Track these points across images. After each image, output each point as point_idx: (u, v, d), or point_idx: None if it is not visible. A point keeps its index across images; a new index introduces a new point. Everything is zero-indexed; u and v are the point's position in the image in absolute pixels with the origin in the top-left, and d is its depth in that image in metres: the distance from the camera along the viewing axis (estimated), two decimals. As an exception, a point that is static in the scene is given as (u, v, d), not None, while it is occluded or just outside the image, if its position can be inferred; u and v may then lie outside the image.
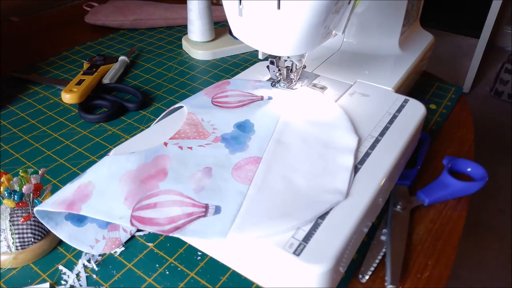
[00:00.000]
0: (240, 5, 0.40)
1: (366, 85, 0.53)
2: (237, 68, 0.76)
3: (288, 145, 0.42)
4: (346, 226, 0.34)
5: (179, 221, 0.34)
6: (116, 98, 0.65)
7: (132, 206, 0.36)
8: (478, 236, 1.47)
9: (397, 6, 0.59)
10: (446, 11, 2.62)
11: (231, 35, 0.82)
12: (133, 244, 0.43)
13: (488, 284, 1.31)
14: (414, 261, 0.42)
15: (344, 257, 0.34)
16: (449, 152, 0.57)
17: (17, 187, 0.41)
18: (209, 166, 0.40)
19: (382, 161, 0.41)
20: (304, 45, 0.42)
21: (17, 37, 0.89)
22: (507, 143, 1.88)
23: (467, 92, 2.21)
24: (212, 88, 0.51)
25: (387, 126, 0.45)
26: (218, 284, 0.39)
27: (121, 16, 0.90)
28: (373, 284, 0.40)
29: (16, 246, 0.40)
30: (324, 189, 0.37)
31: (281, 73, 0.50)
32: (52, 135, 0.59)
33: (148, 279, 0.40)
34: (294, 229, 0.33)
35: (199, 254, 0.42)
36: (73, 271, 0.40)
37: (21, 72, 0.74)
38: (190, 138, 0.43)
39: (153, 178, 0.38)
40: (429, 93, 0.69)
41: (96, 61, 0.73)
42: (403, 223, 0.44)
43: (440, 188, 0.48)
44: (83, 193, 0.37)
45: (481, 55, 2.11)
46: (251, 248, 0.34)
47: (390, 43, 0.61)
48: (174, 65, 0.77)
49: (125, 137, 0.58)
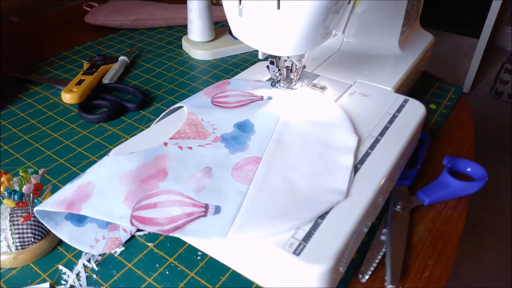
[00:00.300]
0: (240, 5, 0.40)
1: (366, 85, 0.53)
2: (237, 68, 0.76)
3: (288, 145, 0.42)
4: (346, 226, 0.34)
5: (179, 221, 0.34)
6: (116, 98, 0.65)
7: (132, 206, 0.36)
8: (478, 236, 1.47)
9: (397, 6, 0.59)
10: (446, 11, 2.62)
11: (231, 35, 0.82)
12: (133, 244, 0.43)
13: (488, 284, 1.31)
14: (414, 261, 0.42)
15: (344, 257, 0.34)
16: (449, 152, 0.57)
17: (17, 187, 0.41)
18: (209, 166, 0.40)
19: (382, 161, 0.41)
20: (304, 45, 0.42)
21: (17, 37, 0.89)
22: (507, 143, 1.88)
23: (467, 92, 2.21)
24: (212, 88, 0.51)
25: (387, 126, 0.45)
26: (218, 284, 0.39)
27: (121, 16, 0.90)
28: (373, 284, 0.40)
29: (16, 246, 0.40)
30: (324, 189, 0.37)
31: (281, 73, 0.50)
32: (52, 135, 0.59)
33: (148, 279, 0.40)
34: (294, 229, 0.33)
35: (199, 254, 0.42)
36: (73, 271, 0.40)
37: (21, 72, 0.74)
38: (190, 138, 0.43)
39: (153, 178, 0.38)
40: (429, 93, 0.69)
41: (96, 61, 0.73)
42: (403, 223, 0.44)
43: (440, 188, 0.48)
44: (83, 193, 0.37)
45: (481, 55, 2.11)
46: (251, 248, 0.34)
47: (390, 43, 0.61)
48: (174, 65, 0.77)
49: (125, 137, 0.58)
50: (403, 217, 0.45)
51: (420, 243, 0.44)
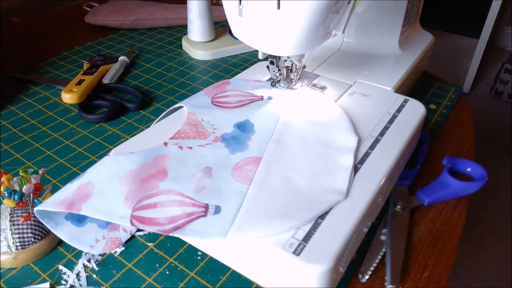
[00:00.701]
0: (240, 5, 0.40)
1: (366, 85, 0.53)
2: (237, 68, 0.76)
3: (288, 145, 0.42)
4: (346, 226, 0.34)
5: (179, 221, 0.34)
6: (116, 98, 0.65)
7: (132, 206, 0.36)
8: (478, 236, 1.47)
9: (397, 6, 0.59)
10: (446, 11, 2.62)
11: (231, 35, 0.82)
12: (133, 244, 0.43)
13: (488, 284, 1.31)
14: (414, 261, 0.42)
15: (344, 257, 0.34)
16: (449, 152, 0.57)
17: (17, 187, 0.41)
18: (209, 166, 0.40)
19: (382, 161, 0.41)
20: (304, 45, 0.42)
21: (17, 37, 0.89)
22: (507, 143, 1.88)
23: (467, 92, 2.21)
24: (212, 88, 0.51)
25: (387, 126, 0.45)
26: (218, 284, 0.39)
27: (121, 16, 0.90)
28: (373, 284, 0.40)
29: (16, 246, 0.40)
30: (324, 189, 0.37)
31: (281, 73, 0.50)
32: (52, 135, 0.59)
33: (148, 279, 0.40)
34: (294, 229, 0.33)
35: (199, 254, 0.42)
36: (73, 271, 0.40)
37: (21, 72, 0.74)
38: (190, 138, 0.43)
39: (153, 178, 0.38)
40: (429, 93, 0.69)
41: (96, 61, 0.73)
42: (403, 223, 0.44)
43: (440, 188, 0.48)
44: (83, 193, 0.37)
45: (481, 55, 2.11)
46: (251, 248, 0.34)
47: (390, 43, 0.61)
48: (174, 65, 0.77)
49: (125, 137, 0.58)
50: (403, 217, 0.45)
51: (420, 243, 0.44)
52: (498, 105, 2.14)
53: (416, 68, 0.62)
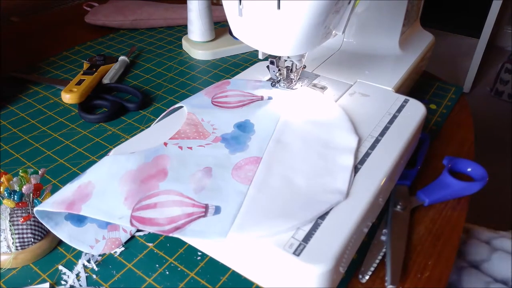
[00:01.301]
0: (240, 5, 0.40)
1: (366, 85, 0.53)
2: (237, 68, 0.76)
3: (288, 145, 0.42)
4: (346, 226, 0.34)
5: (179, 221, 0.34)
6: (116, 98, 0.65)
7: (132, 206, 0.36)
8: (478, 236, 1.46)
9: (397, 6, 0.59)
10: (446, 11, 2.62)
11: (231, 35, 0.82)
12: (133, 244, 0.43)
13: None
14: (414, 261, 0.42)
15: (344, 257, 0.34)
16: (449, 152, 0.57)
17: (17, 187, 0.41)
18: (209, 166, 0.40)
19: (382, 161, 0.41)
20: (304, 45, 0.42)
21: (17, 37, 0.89)
22: (507, 143, 1.88)
23: (467, 92, 2.21)
24: (212, 88, 0.51)
25: (387, 126, 0.45)
26: (218, 284, 0.39)
27: (121, 16, 0.90)
28: (373, 284, 0.40)
29: (16, 246, 0.40)
30: (324, 189, 0.37)
31: (281, 73, 0.50)
32: (52, 135, 0.59)
33: (148, 279, 0.40)
34: (294, 229, 0.33)
35: (199, 254, 0.42)
36: (73, 271, 0.40)
37: (21, 72, 0.74)
38: (190, 138, 0.43)
39: (153, 178, 0.38)
40: (429, 93, 0.69)
41: (96, 61, 0.73)
42: (403, 223, 0.44)
43: (440, 188, 0.48)
44: (83, 193, 0.37)
45: (481, 55, 2.10)
46: (251, 248, 0.34)
47: (390, 43, 0.61)
48: (174, 65, 0.77)
49: (125, 137, 0.58)
50: (403, 217, 0.45)
51: (420, 243, 0.44)
52: (498, 105, 2.14)
53: (416, 68, 0.62)
